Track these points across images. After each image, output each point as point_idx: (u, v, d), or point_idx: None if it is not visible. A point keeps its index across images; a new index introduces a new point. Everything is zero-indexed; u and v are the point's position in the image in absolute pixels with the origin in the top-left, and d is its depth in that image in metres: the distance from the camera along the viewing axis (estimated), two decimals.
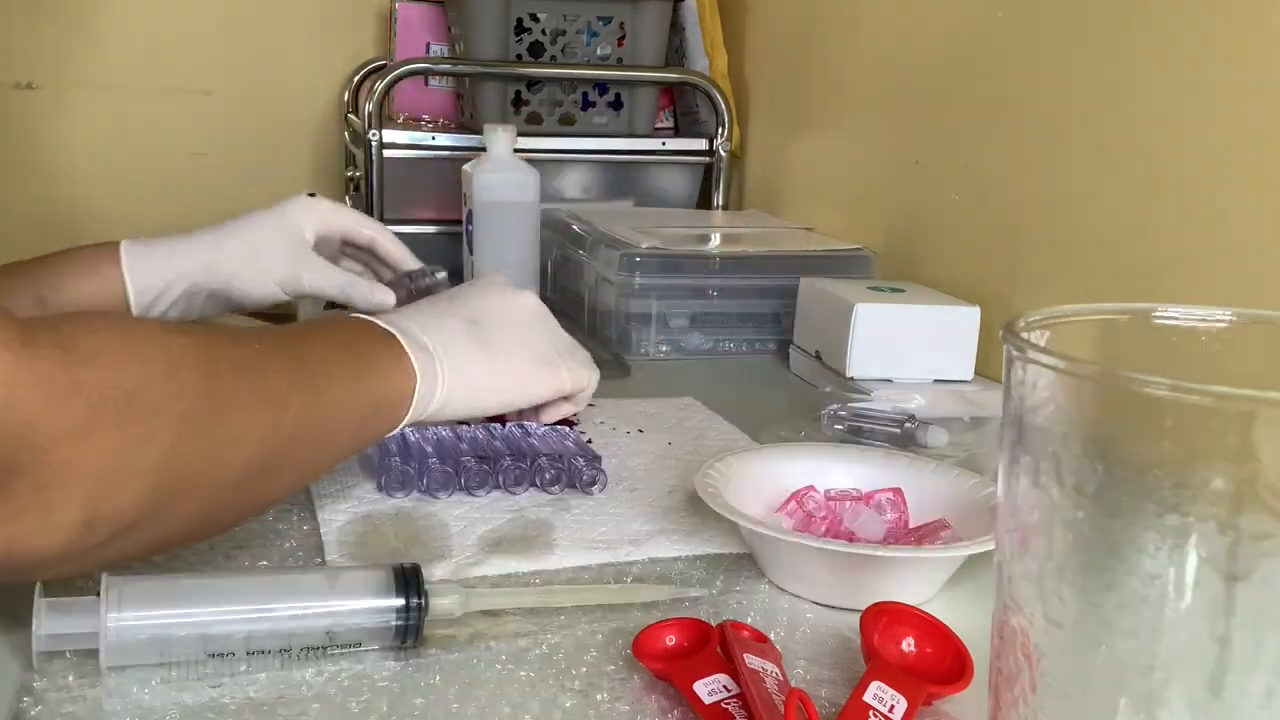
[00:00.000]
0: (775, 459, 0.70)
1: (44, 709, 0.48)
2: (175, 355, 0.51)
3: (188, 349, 0.52)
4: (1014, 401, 0.38)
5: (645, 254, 1.12)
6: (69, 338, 0.48)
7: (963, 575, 0.62)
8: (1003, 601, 0.40)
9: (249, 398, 0.54)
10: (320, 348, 0.61)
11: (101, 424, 0.47)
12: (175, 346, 0.52)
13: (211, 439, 0.52)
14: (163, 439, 0.50)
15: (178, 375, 0.51)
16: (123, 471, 0.49)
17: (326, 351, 0.61)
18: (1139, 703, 0.35)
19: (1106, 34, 0.89)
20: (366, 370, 0.63)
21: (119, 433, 0.48)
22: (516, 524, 0.69)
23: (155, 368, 0.50)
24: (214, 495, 0.54)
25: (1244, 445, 0.33)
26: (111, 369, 0.48)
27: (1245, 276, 0.78)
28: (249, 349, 0.56)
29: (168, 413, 0.50)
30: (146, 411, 0.49)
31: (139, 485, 0.49)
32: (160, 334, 0.52)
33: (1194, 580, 0.34)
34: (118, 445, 0.48)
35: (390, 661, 0.53)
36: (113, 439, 0.48)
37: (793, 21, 1.43)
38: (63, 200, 1.75)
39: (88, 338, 0.49)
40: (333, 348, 0.62)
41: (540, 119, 1.48)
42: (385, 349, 0.65)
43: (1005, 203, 1.02)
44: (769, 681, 0.49)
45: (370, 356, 0.64)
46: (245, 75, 1.79)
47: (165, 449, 0.50)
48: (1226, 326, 0.43)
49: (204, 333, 0.56)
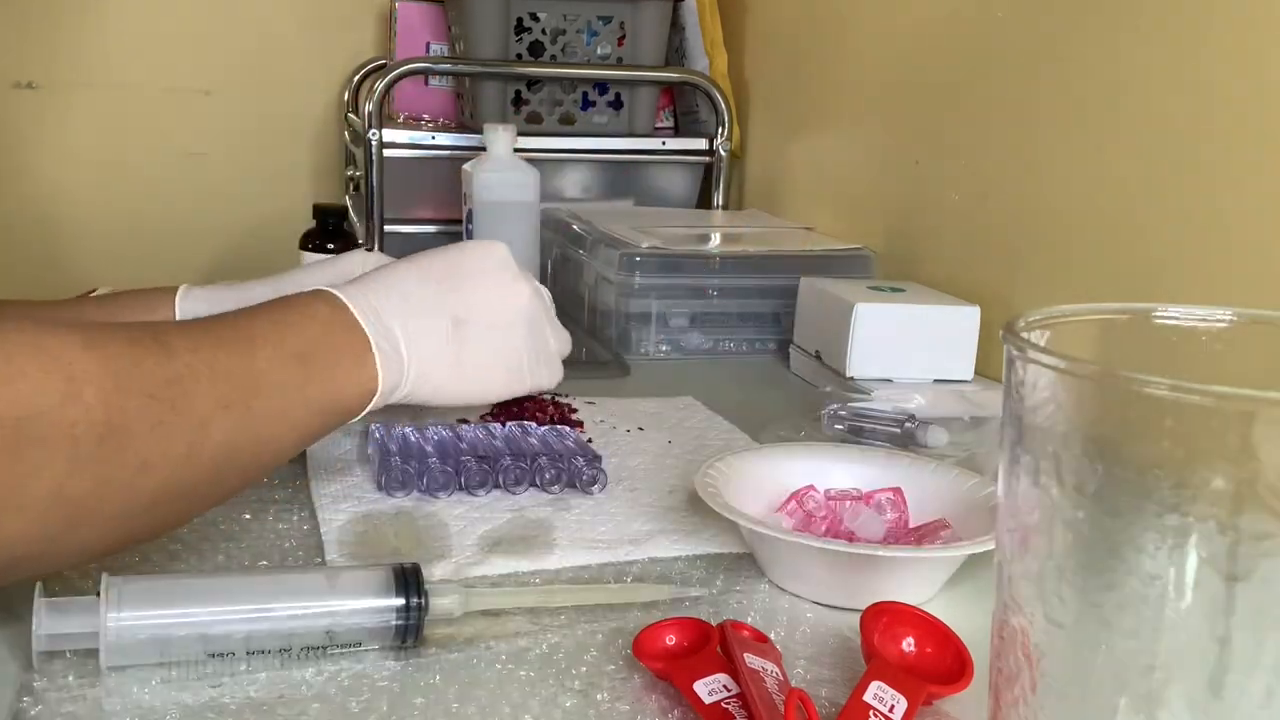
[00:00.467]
0: (775, 459, 0.70)
1: (44, 709, 0.48)
2: (77, 379, 0.49)
3: (94, 372, 0.49)
4: (1014, 401, 0.38)
5: (645, 254, 1.12)
6: None
7: (963, 575, 0.62)
8: (1003, 601, 0.40)
9: (161, 424, 0.51)
10: (267, 355, 0.58)
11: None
12: (79, 369, 0.49)
13: (112, 469, 0.50)
14: (54, 470, 0.47)
15: (77, 402, 0.48)
16: (14, 503, 0.47)
17: (273, 357, 0.58)
18: (1139, 703, 0.35)
19: (1107, 34, 0.89)
20: (319, 380, 0.60)
21: (10, 463, 0.46)
22: (516, 524, 0.69)
23: (51, 394, 0.48)
24: (118, 522, 0.52)
25: (1244, 445, 0.33)
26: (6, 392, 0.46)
27: (1245, 276, 0.78)
28: (175, 364, 0.53)
29: (60, 442, 0.48)
30: (38, 440, 0.47)
31: (28, 517, 0.48)
32: (67, 353, 0.49)
33: (1194, 580, 0.34)
34: (7, 474, 0.46)
35: (390, 661, 0.53)
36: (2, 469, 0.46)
37: (793, 21, 1.43)
38: (63, 200, 1.75)
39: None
40: (282, 357, 0.59)
41: (540, 118, 1.48)
42: (349, 350, 0.63)
43: (1005, 203, 1.02)
44: (769, 681, 0.49)
45: (328, 364, 0.61)
46: (245, 75, 1.79)
47: (57, 480, 0.48)
48: (1226, 326, 0.43)
49: (122, 349, 0.52)
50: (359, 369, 0.63)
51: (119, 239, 1.76)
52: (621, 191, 1.51)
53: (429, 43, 1.63)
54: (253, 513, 0.69)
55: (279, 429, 0.58)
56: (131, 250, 1.76)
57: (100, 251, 1.76)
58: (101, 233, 1.77)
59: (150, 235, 1.76)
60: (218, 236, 1.80)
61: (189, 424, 0.53)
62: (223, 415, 0.54)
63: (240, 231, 1.81)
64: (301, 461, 0.76)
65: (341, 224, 1.36)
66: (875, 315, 0.96)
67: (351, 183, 1.63)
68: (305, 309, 0.63)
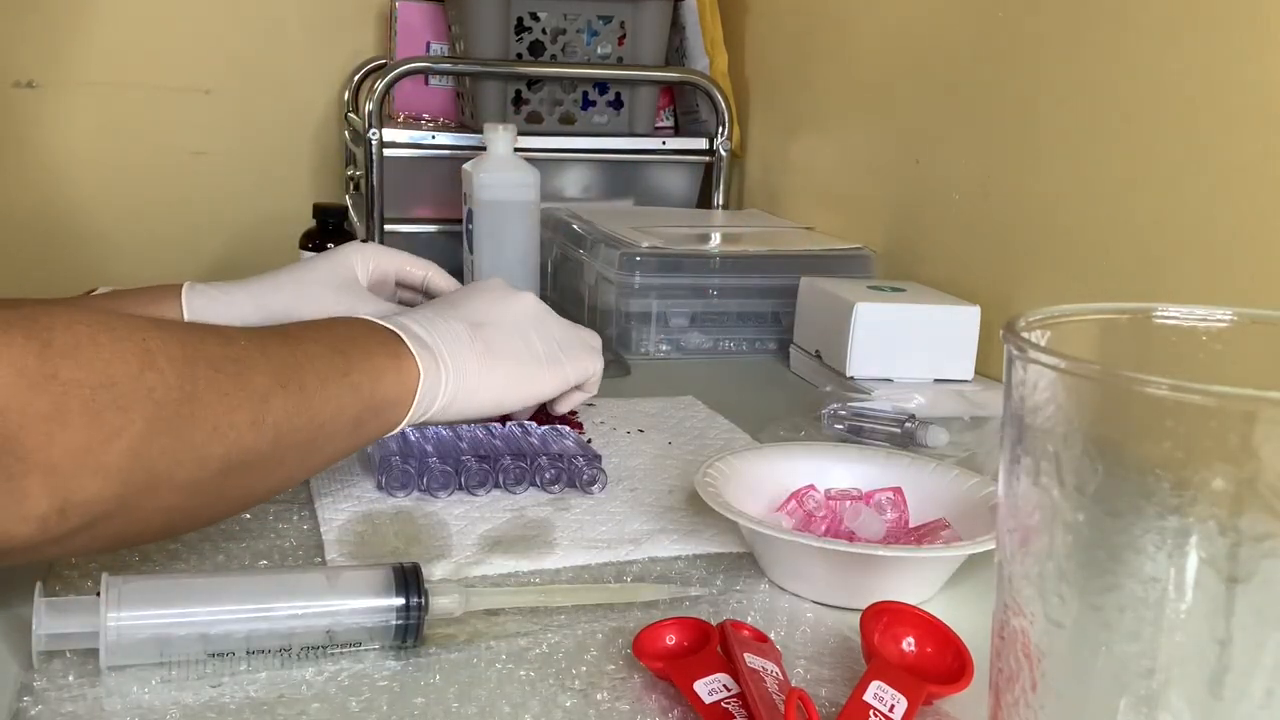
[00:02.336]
0: (775, 459, 0.70)
1: (44, 708, 0.48)
2: (151, 350, 0.52)
3: (165, 345, 0.53)
4: (1014, 401, 0.38)
5: (645, 253, 1.12)
6: (46, 329, 0.49)
7: (963, 575, 0.62)
8: (1003, 601, 0.40)
9: (227, 395, 0.54)
10: (310, 346, 0.61)
11: (72, 415, 0.48)
12: (152, 342, 0.52)
13: (185, 434, 0.52)
14: (134, 432, 0.50)
15: (152, 370, 0.51)
16: (93, 463, 0.49)
17: (316, 350, 0.61)
18: (1139, 703, 0.35)
19: (1107, 34, 0.89)
20: (360, 370, 0.63)
21: (90, 425, 0.49)
22: (516, 523, 0.69)
23: (129, 362, 0.51)
24: (190, 489, 0.54)
25: (1244, 445, 0.33)
26: (85, 362, 0.49)
27: (1245, 276, 0.78)
28: (233, 346, 0.57)
29: (140, 406, 0.50)
30: (118, 405, 0.50)
31: (109, 477, 0.50)
32: (139, 330, 0.53)
33: (1194, 581, 0.34)
34: (88, 437, 0.49)
35: (390, 661, 0.53)
36: (83, 431, 0.48)
37: (793, 21, 1.43)
38: (63, 200, 1.75)
39: (65, 331, 0.49)
40: (323, 347, 0.62)
41: (540, 118, 1.48)
42: (382, 349, 0.65)
43: (1005, 203, 1.02)
44: (769, 681, 0.49)
45: (365, 357, 0.64)
46: (245, 75, 1.79)
47: (136, 442, 0.50)
48: (1226, 326, 0.43)
49: (186, 330, 0.56)
50: (395, 360, 0.65)
51: (119, 239, 1.76)
52: (621, 191, 1.51)
53: (429, 42, 1.63)
54: (253, 513, 0.69)
55: (330, 412, 0.60)
56: (131, 250, 1.76)
57: (100, 251, 1.76)
58: (101, 233, 1.77)
59: (150, 235, 1.76)
60: (218, 236, 1.80)
61: (251, 396, 0.56)
62: (280, 392, 0.57)
63: (240, 231, 1.81)
64: None
65: (341, 224, 1.36)
66: (875, 315, 0.96)
67: (351, 182, 1.63)
68: (329, 321, 0.66)
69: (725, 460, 0.68)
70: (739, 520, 0.60)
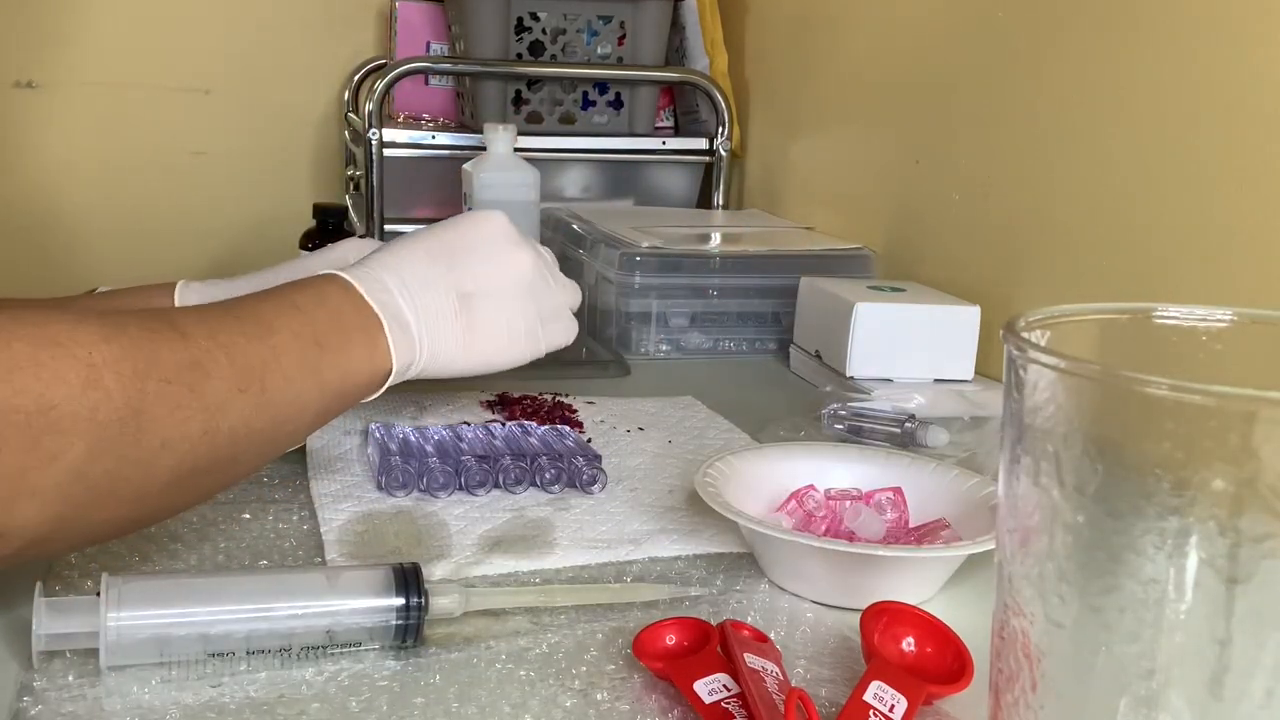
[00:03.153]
0: (775, 459, 0.70)
1: (44, 708, 0.48)
2: (97, 365, 0.50)
3: (112, 357, 0.50)
4: (1014, 401, 0.38)
5: (645, 253, 1.12)
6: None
7: (963, 575, 0.62)
8: (1003, 602, 0.40)
9: (179, 407, 0.52)
10: (282, 339, 0.59)
11: (7, 441, 0.47)
12: (99, 356, 0.50)
13: (130, 451, 0.51)
14: (74, 455, 0.49)
15: (96, 388, 0.49)
16: (28, 488, 0.48)
17: (287, 344, 0.59)
18: (1139, 704, 0.35)
19: (1107, 33, 0.89)
20: (331, 365, 0.61)
21: (26, 450, 0.47)
22: (516, 523, 0.69)
23: (70, 382, 0.49)
24: (136, 500, 0.53)
25: (1244, 445, 0.33)
26: (21, 387, 0.47)
27: (1245, 276, 0.78)
28: (192, 348, 0.54)
29: (81, 428, 0.49)
30: (57, 429, 0.48)
31: (47, 501, 0.48)
32: (86, 342, 0.50)
33: (1194, 581, 0.34)
34: (24, 463, 0.47)
35: (390, 661, 0.53)
36: (18, 456, 0.47)
37: (793, 21, 1.43)
38: (63, 199, 1.75)
39: (4, 351, 0.47)
40: (296, 340, 0.60)
41: (540, 118, 1.48)
42: (361, 335, 0.64)
43: (1005, 203, 1.02)
44: (769, 681, 0.49)
45: (341, 348, 0.62)
46: (245, 75, 1.79)
47: (76, 464, 0.49)
48: (1226, 326, 0.43)
49: (139, 335, 0.53)
50: (371, 349, 0.64)
51: (119, 239, 1.76)
52: (621, 191, 1.51)
53: (429, 42, 1.63)
54: (253, 513, 0.69)
55: (293, 410, 0.59)
56: (131, 250, 1.76)
57: (100, 251, 1.76)
58: (101, 232, 1.77)
59: (150, 235, 1.76)
60: (218, 236, 1.80)
61: (206, 406, 0.54)
62: (239, 398, 0.55)
63: (240, 231, 1.81)
64: (301, 461, 0.76)
65: (341, 224, 1.36)
66: (875, 315, 0.96)
67: (351, 182, 1.63)
68: (317, 293, 0.64)
69: (725, 460, 0.68)
70: (739, 520, 0.60)
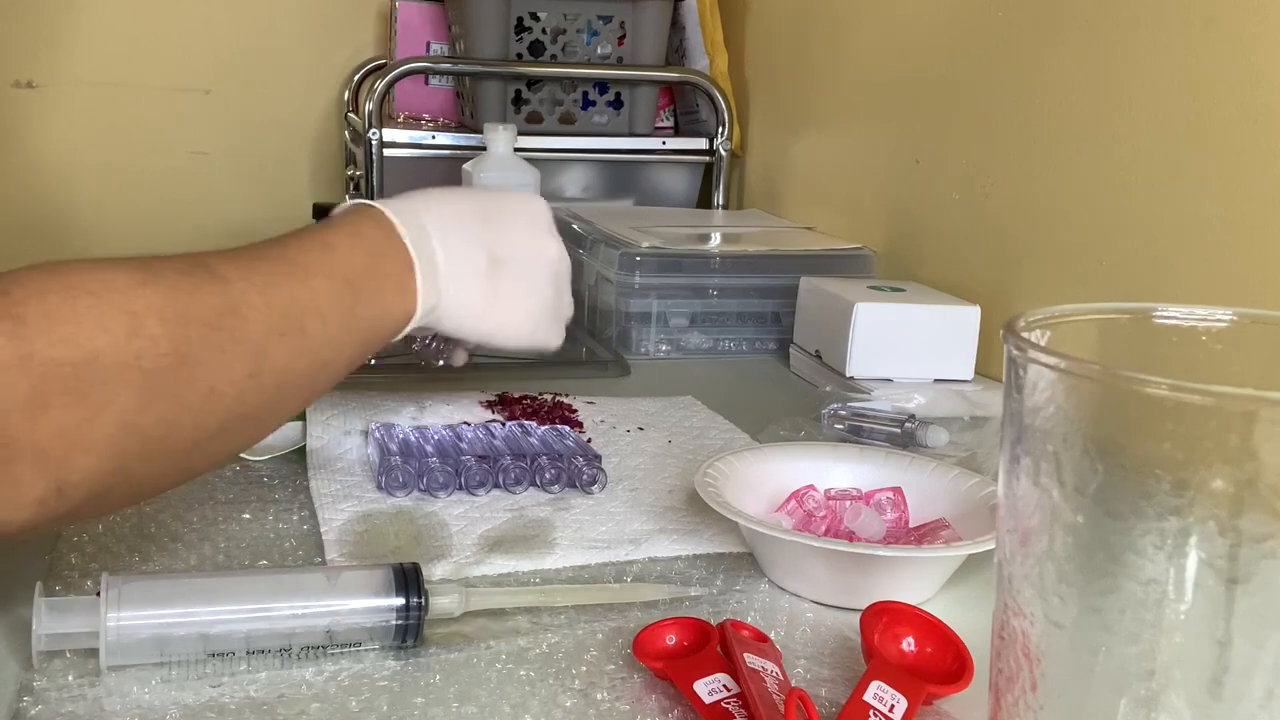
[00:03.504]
0: (775, 459, 0.70)
1: (44, 708, 0.48)
2: (139, 313, 0.49)
3: (154, 303, 0.50)
4: (1014, 401, 0.38)
5: (645, 253, 1.12)
6: (18, 304, 0.46)
7: (963, 575, 0.62)
8: (1003, 602, 0.40)
9: (224, 352, 0.52)
10: (317, 281, 0.58)
11: (54, 396, 0.46)
12: (140, 303, 0.49)
13: (180, 399, 0.50)
14: (123, 404, 0.48)
15: (141, 335, 0.48)
16: (83, 441, 0.47)
17: (321, 286, 0.59)
18: (1139, 704, 0.35)
19: (1107, 33, 0.89)
20: (366, 305, 0.61)
21: (76, 403, 0.46)
22: (516, 523, 0.69)
23: (115, 330, 0.48)
24: (189, 450, 0.52)
25: (1244, 445, 0.33)
26: (64, 338, 0.46)
27: (1245, 276, 0.78)
28: (229, 290, 0.54)
29: (128, 376, 0.48)
30: (104, 377, 0.47)
31: (103, 453, 0.48)
32: (124, 288, 0.49)
33: (1194, 582, 0.34)
34: (75, 416, 0.47)
35: (390, 661, 0.53)
36: (69, 410, 0.46)
37: (793, 21, 1.43)
38: (62, 200, 1.75)
39: (39, 304, 0.47)
40: (331, 281, 0.59)
41: (540, 118, 1.48)
42: (392, 281, 0.63)
43: (1005, 202, 1.02)
44: (769, 681, 0.49)
45: (374, 289, 0.62)
46: (245, 75, 1.79)
47: (127, 415, 0.48)
48: (1226, 326, 0.43)
49: (177, 279, 0.52)
50: (401, 291, 0.64)
51: (119, 239, 1.76)
52: (621, 191, 1.51)
53: (429, 42, 1.63)
54: (253, 513, 0.69)
55: (330, 353, 0.59)
56: (131, 250, 1.73)
57: (100, 251, 1.74)
58: (101, 232, 1.76)
59: (150, 235, 1.76)
60: (218, 236, 1.79)
61: (249, 350, 0.53)
62: (279, 341, 0.55)
63: (240, 231, 1.80)
64: (301, 461, 0.76)
65: None
66: (875, 315, 0.96)
67: (351, 182, 1.62)
68: (351, 230, 0.63)
69: (725, 460, 0.68)
70: (739, 520, 0.60)
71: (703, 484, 0.64)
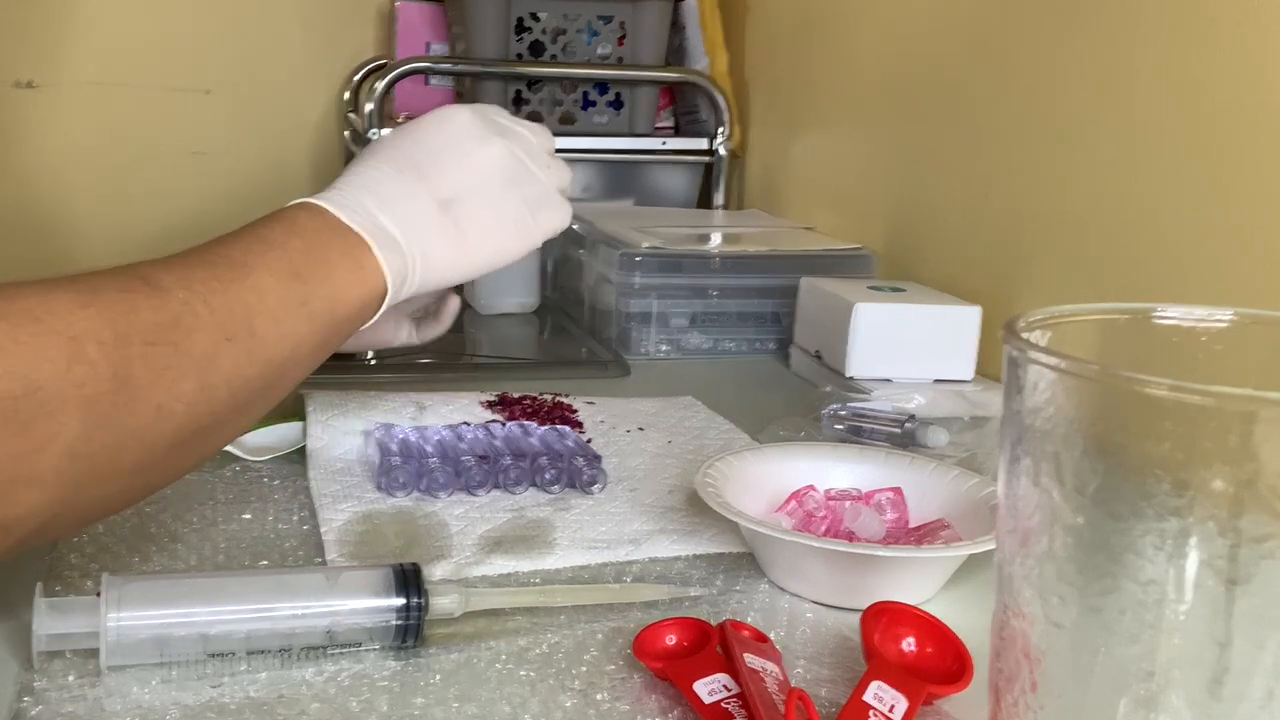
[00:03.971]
0: (775, 459, 0.70)
1: (44, 709, 0.48)
2: (77, 337, 0.47)
3: (92, 326, 0.48)
4: (1014, 401, 0.38)
5: (645, 253, 1.12)
6: None
7: (963, 575, 0.62)
8: (1003, 602, 0.40)
9: (168, 368, 0.50)
10: (260, 278, 0.56)
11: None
12: (79, 327, 0.48)
13: (126, 422, 0.49)
14: (68, 435, 0.47)
15: (80, 362, 0.47)
16: (25, 474, 0.46)
17: (266, 282, 0.57)
18: (1139, 704, 0.35)
19: (1108, 33, 0.89)
20: (319, 296, 0.59)
21: (17, 437, 0.45)
22: (516, 524, 0.69)
23: (54, 360, 0.46)
24: (141, 470, 0.51)
25: (1244, 445, 0.33)
26: (5, 371, 0.45)
27: (1246, 276, 0.78)
28: (170, 304, 0.52)
29: (70, 406, 0.47)
30: (46, 410, 0.46)
31: (48, 484, 0.47)
32: (64, 312, 0.48)
33: (1194, 582, 0.34)
34: (17, 449, 0.45)
35: (390, 661, 0.53)
36: (10, 444, 0.45)
37: (793, 21, 1.43)
38: (62, 200, 1.75)
39: None
40: (275, 276, 0.57)
41: (540, 118, 1.48)
42: (345, 260, 0.61)
43: (1006, 203, 1.02)
44: (769, 681, 0.49)
45: (325, 277, 0.59)
46: (245, 75, 1.79)
47: (72, 444, 0.47)
48: (1226, 326, 0.43)
49: (115, 297, 0.51)
50: (358, 271, 0.61)
51: (119, 239, 1.76)
52: (621, 191, 1.51)
53: (429, 42, 1.63)
54: (253, 513, 0.69)
55: (287, 350, 0.57)
56: (131, 250, 1.74)
57: (100, 251, 1.76)
58: (101, 232, 1.76)
59: (150, 235, 1.76)
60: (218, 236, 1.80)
61: (195, 363, 0.52)
62: (227, 348, 0.53)
63: None
64: (301, 461, 0.76)
65: None
66: (875, 315, 0.96)
67: None
68: (288, 224, 0.61)
69: (725, 460, 0.68)
70: (739, 520, 0.60)
71: (703, 484, 0.64)
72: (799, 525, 0.66)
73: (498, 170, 0.70)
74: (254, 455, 0.77)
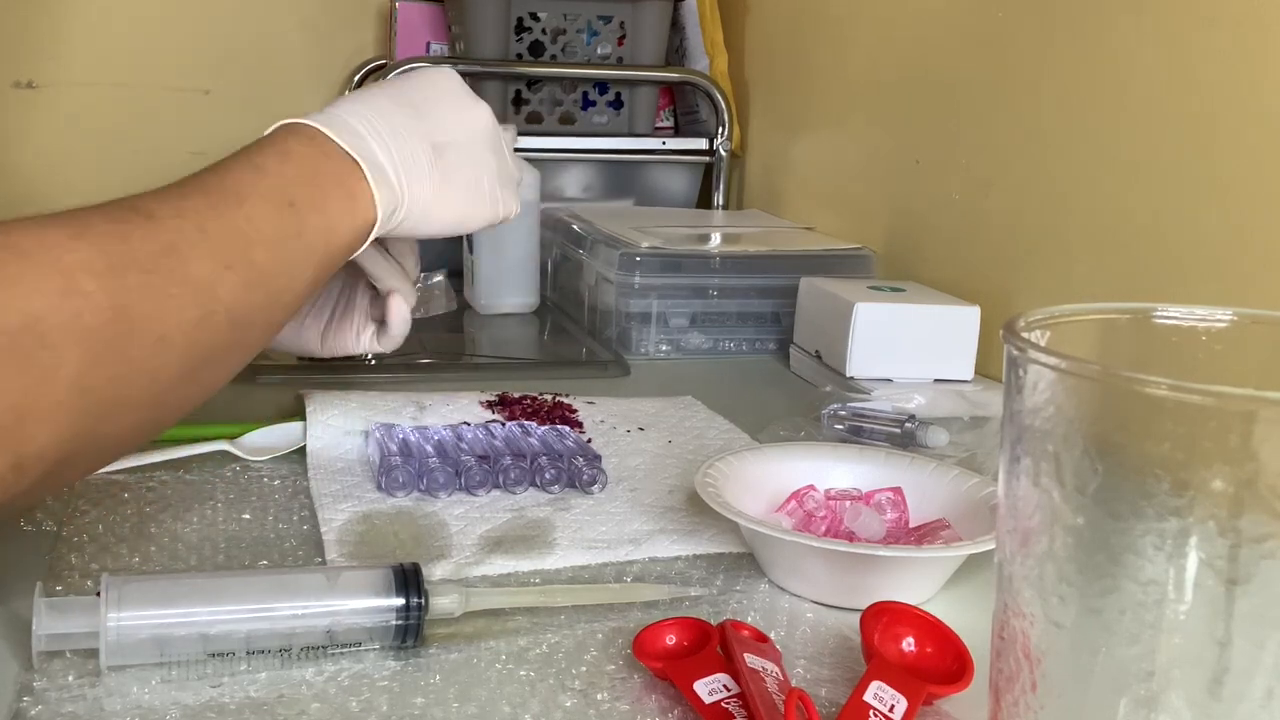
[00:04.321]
0: (775, 459, 0.70)
1: (44, 709, 0.48)
2: (71, 269, 0.47)
3: (84, 258, 0.47)
4: (1014, 401, 0.38)
5: (645, 253, 1.12)
6: None
7: (963, 575, 0.62)
8: (1003, 602, 0.40)
9: (168, 296, 0.50)
10: (255, 206, 0.56)
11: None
12: (70, 258, 0.47)
13: (128, 353, 0.48)
14: (71, 367, 0.46)
15: (76, 292, 0.46)
16: (34, 411, 0.45)
17: (262, 211, 0.56)
18: (1139, 705, 0.35)
19: (1107, 33, 0.89)
20: (313, 228, 0.58)
21: (20, 372, 0.44)
22: (516, 524, 0.69)
23: (48, 291, 0.46)
24: (149, 404, 0.50)
25: (1244, 445, 0.33)
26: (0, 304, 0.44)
27: (1246, 277, 0.78)
28: (164, 231, 0.51)
29: (70, 337, 0.46)
30: (46, 343, 0.45)
31: (58, 420, 0.46)
32: (55, 244, 0.47)
33: (1194, 582, 0.34)
34: (22, 386, 0.44)
35: (390, 661, 0.53)
36: (15, 380, 0.44)
37: (793, 21, 1.43)
38: (62, 200, 1.75)
39: None
40: (270, 205, 0.56)
41: (540, 118, 1.48)
42: (338, 190, 0.60)
43: (1006, 202, 1.02)
44: (769, 681, 0.49)
45: (319, 207, 0.59)
46: (245, 75, 1.79)
47: (76, 377, 0.46)
48: (1226, 326, 0.43)
49: (107, 228, 0.50)
50: (351, 201, 0.61)
51: None
52: (621, 191, 1.51)
53: (429, 42, 1.63)
54: (253, 513, 0.69)
55: (285, 280, 0.57)
56: None
57: None
58: None
59: None
60: None
61: (194, 290, 0.51)
62: (226, 275, 0.53)
63: None
64: (301, 461, 0.76)
65: None
66: (875, 315, 0.96)
67: None
68: (280, 150, 0.60)
69: (725, 460, 0.68)
70: (739, 520, 0.60)
71: (703, 484, 0.64)
72: (799, 525, 0.66)
73: (485, 132, 0.71)
74: (254, 455, 0.77)
